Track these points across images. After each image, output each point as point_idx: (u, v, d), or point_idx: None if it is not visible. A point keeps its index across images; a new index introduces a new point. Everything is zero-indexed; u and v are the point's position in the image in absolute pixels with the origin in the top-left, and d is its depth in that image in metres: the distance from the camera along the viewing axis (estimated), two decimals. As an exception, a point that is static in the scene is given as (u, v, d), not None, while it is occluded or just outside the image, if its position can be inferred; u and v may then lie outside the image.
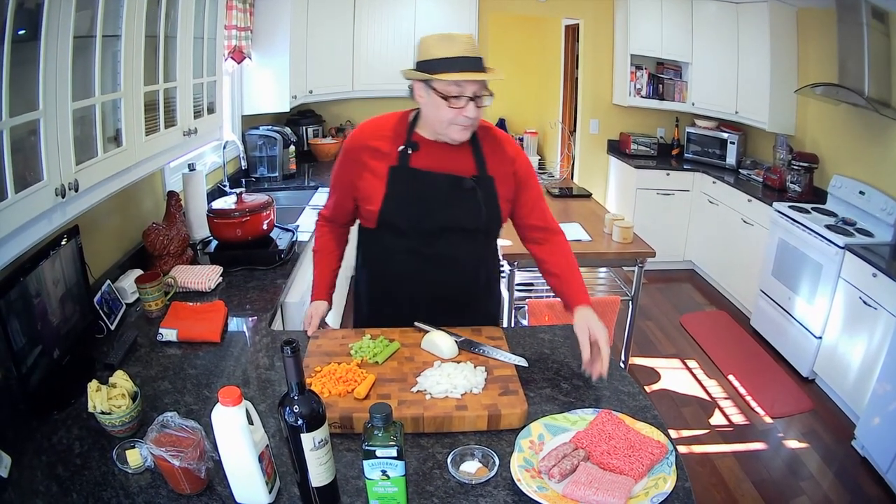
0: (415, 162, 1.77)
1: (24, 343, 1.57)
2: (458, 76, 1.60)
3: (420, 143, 1.78)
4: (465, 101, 1.64)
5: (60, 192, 1.56)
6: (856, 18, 3.69)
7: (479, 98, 1.66)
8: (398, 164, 1.77)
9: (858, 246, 3.44)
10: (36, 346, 1.63)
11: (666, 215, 5.52)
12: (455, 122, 1.67)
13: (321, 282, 1.99)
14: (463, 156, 1.79)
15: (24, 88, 1.44)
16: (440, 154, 1.77)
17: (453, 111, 1.65)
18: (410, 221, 1.79)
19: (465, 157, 1.79)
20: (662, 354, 4.22)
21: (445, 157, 1.77)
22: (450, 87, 1.62)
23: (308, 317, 1.91)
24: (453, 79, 1.60)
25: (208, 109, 2.72)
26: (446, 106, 1.64)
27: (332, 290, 2.02)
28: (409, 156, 1.77)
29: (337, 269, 2.05)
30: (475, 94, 1.64)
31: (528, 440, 1.41)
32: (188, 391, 1.67)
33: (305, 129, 5.29)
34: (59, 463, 1.36)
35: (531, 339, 1.91)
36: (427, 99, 1.68)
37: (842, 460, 3.13)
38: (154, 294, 2.14)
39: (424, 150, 1.78)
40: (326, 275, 2.00)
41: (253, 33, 4.10)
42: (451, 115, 1.65)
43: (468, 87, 1.63)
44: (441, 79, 1.61)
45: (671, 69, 5.63)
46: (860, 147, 4.09)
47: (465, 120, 1.66)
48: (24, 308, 1.57)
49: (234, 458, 1.18)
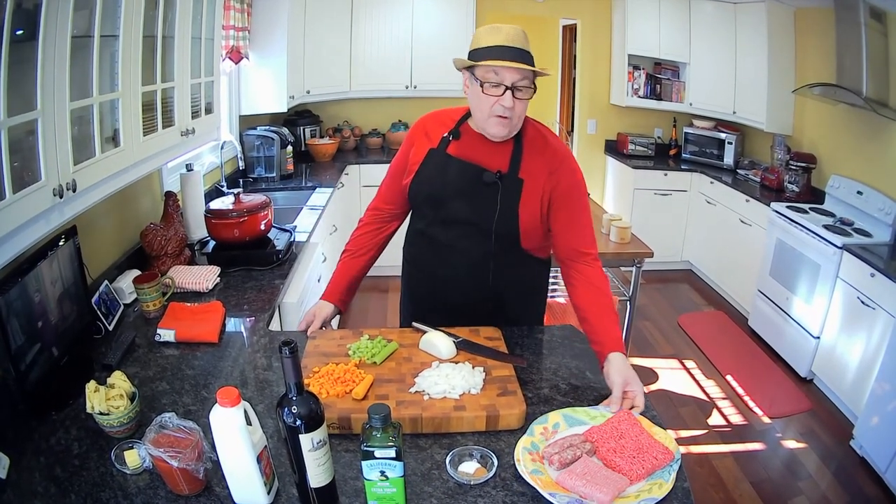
0: (452, 149, 1.81)
1: (22, 343, 1.56)
2: (494, 63, 1.59)
3: (464, 134, 1.81)
4: (502, 90, 1.61)
5: (58, 192, 1.56)
6: (854, 18, 3.70)
7: (519, 90, 1.63)
8: (437, 147, 1.82)
9: (856, 246, 3.45)
10: (34, 347, 1.62)
11: (663, 215, 5.52)
12: (493, 114, 1.65)
13: (337, 283, 1.97)
14: (500, 153, 1.77)
15: (22, 88, 1.44)
16: (479, 147, 1.78)
17: (491, 100, 1.63)
18: (428, 202, 1.83)
19: (502, 154, 1.77)
20: (660, 355, 4.22)
21: (483, 150, 1.78)
22: (488, 74, 1.62)
23: (310, 315, 1.90)
24: (489, 65, 1.60)
25: (206, 110, 2.71)
26: (484, 94, 1.63)
27: (346, 295, 1.98)
28: (450, 142, 1.81)
29: (360, 276, 2.00)
30: (514, 84, 1.61)
31: (542, 426, 1.43)
32: (186, 392, 1.67)
33: (303, 130, 5.27)
34: (58, 464, 1.36)
35: (529, 339, 1.91)
36: (471, 89, 1.70)
37: (840, 460, 3.14)
38: (152, 294, 2.14)
39: (466, 140, 1.81)
40: (345, 278, 1.98)
41: (250, 33, 4.10)
42: (489, 104, 1.64)
43: (506, 76, 1.61)
44: (478, 64, 1.62)
45: (669, 69, 5.63)
46: (858, 147, 4.09)
47: (501, 109, 1.63)
48: (22, 308, 1.57)
49: (233, 459, 1.17)
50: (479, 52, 1.63)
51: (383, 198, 2.01)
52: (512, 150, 1.76)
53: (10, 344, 1.50)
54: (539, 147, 1.78)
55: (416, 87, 5.28)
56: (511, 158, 1.76)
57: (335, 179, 4.57)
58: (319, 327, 1.89)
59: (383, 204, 2.01)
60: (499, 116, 1.65)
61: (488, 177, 1.74)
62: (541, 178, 1.75)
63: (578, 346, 1.86)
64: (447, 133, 1.82)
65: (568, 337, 1.92)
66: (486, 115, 1.67)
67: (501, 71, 1.60)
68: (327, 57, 5.02)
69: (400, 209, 2.00)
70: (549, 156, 1.77)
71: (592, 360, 1.77)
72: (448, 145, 1.81)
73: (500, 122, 1.66)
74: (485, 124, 1.70)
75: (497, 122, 1.67)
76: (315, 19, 4.77)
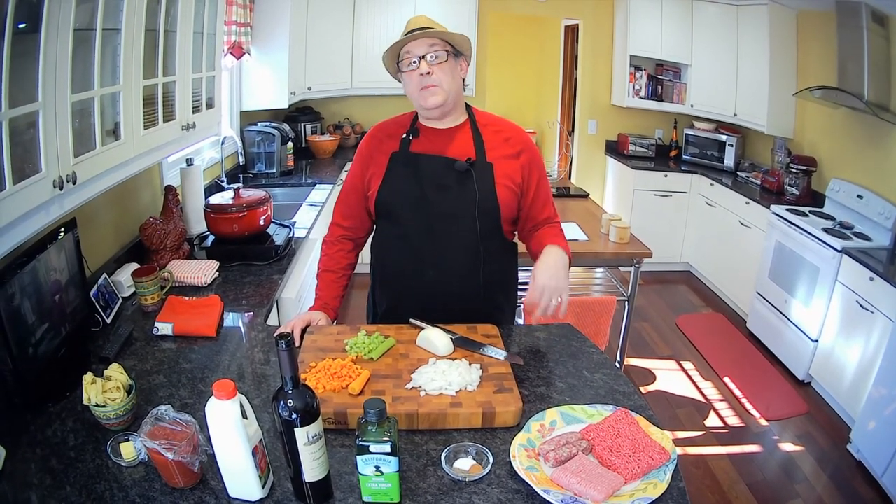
0: (415, 147, 1.85)
1: (19, 335, 1.56)
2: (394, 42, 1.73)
3: (421, 131, 1.87)
4: (417, 63, 1.73)
5: (58, 184, 1.56)
6: (856, 22, 3.70)
7: (432, 57, 1.73)
8: (399, 149, 1.86)
9: (856, 249, 3.45)
10: (31, 338, 1.62)
11: (663, 216, 5.52)
12: (419, 87, 1.75)
13: (326, 297, 1.95)
14: (462, 142, 1.84)
15: (24, 80, 1.44)
16: (440, 140, 1.84)
17: (413, 76, 1.75)
18: (405, 203, 1.83)
19: (464, 142, 1.84)
20: (658, 356, 4.23)
21: (445, 142, 1.84)
22: (402, 59, 1.76)
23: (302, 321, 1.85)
24: (392, 46, 1.74)
25: (207, 104, 2.71)
26: (405, 75, 1.77)
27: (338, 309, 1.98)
28: (410, 142, 1.86)
29: (344, 292, 2.00)
30: (425, 54, 1.73)
31: (539, 423, 1.44)
32: (183, 385, 1.67)
33: (304, 126, 5.28)
34: (53, 455, 1.36)
35: (526, 337, 1.91)
36: (403, 82, 1.81)
37: (837, 463, 3.14)
38: (150, 288, 2.14)
39: (425, 136, 1.86)
40: (332, 293, 1.97)
41: (252, 29, 4.10)
42: (412, 81, 1.75)
43: (413, 50, 1.73)
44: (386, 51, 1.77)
45: (670, 70, 5.64)
46: (858, 151, 4.09)
47: (420, 80, 1.73)
48: (20, 300, 1.57)
49: (228, 452, 1.17)
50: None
51: (344, 216, 2.00)
52: (472, 138, 1.84)
53: (8, 335, 1.50)
54: (494, 130, 1.88)
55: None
56: (475, 145, 1.84)
57: (335, 176, 4.57)
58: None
59: (345, 221, 2.00)
60: (424, 88, 1.74)
61: (460, 165, 1.79)
62: (508, 160, 1.84)
63: (575, 345, 1.86)
64: (405, 133, 1.87)
65: (565, 335, 1.92)
66: (416, 94, 1.77)
67: (410, 48, 1.73)
68: (329, 54, 5.02)
69: (364, 224, 2.01)
70: (509, 138, 1.87)
71: (589, 359, 1.77)
72: (409, 145, 1.85)
73: (427, 92, 1.75)
74: (420, 102, 1.79)
75: (425, 93, 1.75)
76: (317, 16, 4.77)
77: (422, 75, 1.72)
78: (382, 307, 2.02)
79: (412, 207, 1.83)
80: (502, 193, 1.82)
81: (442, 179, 1.81)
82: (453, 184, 1.80)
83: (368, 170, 1.89)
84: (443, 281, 1.87)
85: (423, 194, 1.81)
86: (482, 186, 1.79)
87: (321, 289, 1.97)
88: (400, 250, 1.89)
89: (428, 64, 1.72)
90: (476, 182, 1.79)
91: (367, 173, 1.89)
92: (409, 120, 1.90)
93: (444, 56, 1.74)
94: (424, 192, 1.81)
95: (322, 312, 1.91)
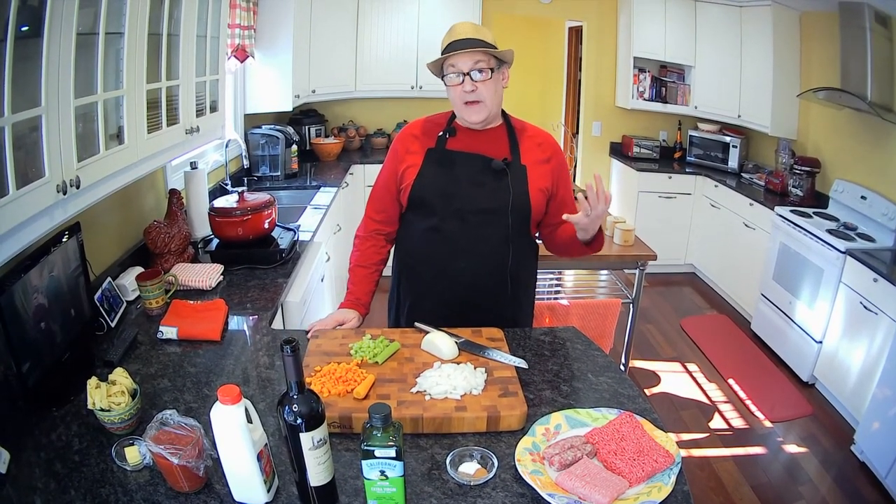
0: (451, 145, 1.91)
1: (24, 339, 1.56)
2: (444, 57, 1.77)
3: (458, 130, 1.92)
4: (462, 79, 1.77)
5: (62, 188, 1.56)
6: (859, 23, 3.69)
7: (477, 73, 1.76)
8: (436, 146, 1.91)
9: (860, 251, 3.44)
10: (36, 343, 1.63)
11: (667, 218, 5.51)
12: (462, 101, 1.80)
13: (358, 293, 1.99)
14: (499, 143, 1.90)
15: (27, 85, 1.44)
16: (476, 139, 1.90)
17: (457, 90, 1.79)
18: (440, 195, 1.87)
19: (500, 143, 1.90)
20: (662, 358, 4.22)
21: (481, 142, 1.89)
22: (448, 70, 1.79)
23: (333, 321, 1.89)
24: (440, 60, 1.78)
25: (211, 108, 2.71)
26: (450, 87, 1.81)
27: (369, 305, 2.01)
28: (447, 140, 1.91)
29: (375, 287, 2.04)
30: (470, 70, 1.76)
31: (544, 427, 1.44)
32: (188, 389, 1.67)
33: (308, 129, 5.28)
34: (58, 459, 1.36)
35: (531, 340, 1.91)
36: (447, 89, 1.84)
37: (841, 465, 3.13)
38: (155, 292, 2.14)
39: (462, 135, 1.92)
40: (364, 289, 2.00)
41: (256, 32, 4.11)
42: (457, 94, 1.80)
43: (460, 65, 1.76)
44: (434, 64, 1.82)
45: (674, 72, 5.63)
46: (862, 152, 4.08)
47: (465, 95, 1.78)
48: (24, 305, 1.57)
49: (233, 457, 1.17)
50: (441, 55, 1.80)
51: (377, 209, 2.03)
52: (508, 140, 1.90)
53: (12, 340, 1.50)
54: (528, 136, 1.94)
55: (421, 87, 5.28)
56: (510, 147, 1.89)
57: (340, 179, 4.57)
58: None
59: (378, 215, 2.03)
60: (467, 103, 1.80)
61: (497, 164, 1.84)
62: (540, 164, 1.91)
63: (580, 348, 1.86)
64: (442, 132, 1.91)
65: (570, 339, 1.92)
66: (459, 106, 1.83)
67: (455, 62, 1.76)
68: (333, 56, 5.03)
69: (395, 218, 2.04)
70: (541, 143, 1.94)
71: (594, 362, 1.77)
72: (446, 142, 1.89)
73: (470, 108, 1.81)
74: (462, 114, 1.84)
75: (468, 109, 1.82)
76: (321, 19, 4.77)
77: (465, 91, 1.77)
78: (407, 303, 2.05)
79: (447, 199, 1.87)
80: (535, 196, 1.89)
81: (477, 176, 1.86)
82: (488, 181, 1.85)
83: (403, 163, 1.93)
84: (474, 272, 1.91)
85: (457, 188, 1.86)
86: (516, 186, 1.85)
87: (354, 283, 2.01)
88: (432, 241, 1.92)
89: (472, 82, 1.76)
90: (511, 182, 1.84)
91: (401, 167, 1.93)
92: (445, 119, 1.95)
93: (489, 73, 1.77)
94: (459, 187, 1.86)
95: (354, 311, 1.95)
